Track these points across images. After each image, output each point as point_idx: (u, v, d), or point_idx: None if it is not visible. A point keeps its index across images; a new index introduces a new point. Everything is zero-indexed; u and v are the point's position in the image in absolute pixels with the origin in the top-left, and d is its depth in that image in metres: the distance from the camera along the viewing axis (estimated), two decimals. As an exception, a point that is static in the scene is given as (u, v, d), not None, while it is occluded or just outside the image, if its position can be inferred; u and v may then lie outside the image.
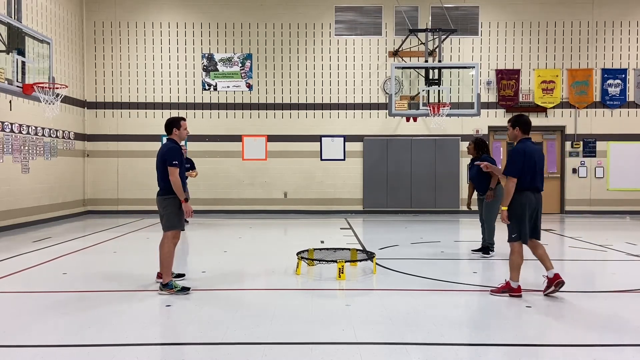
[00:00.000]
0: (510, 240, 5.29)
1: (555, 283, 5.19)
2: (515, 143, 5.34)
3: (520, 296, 5.22)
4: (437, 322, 4.48)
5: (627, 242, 9.05)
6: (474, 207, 8.05)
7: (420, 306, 4.95)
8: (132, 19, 14.03)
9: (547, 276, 5.29)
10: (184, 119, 5.73)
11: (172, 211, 5.47)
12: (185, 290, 5.38)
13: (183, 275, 6.05)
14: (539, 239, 5.36)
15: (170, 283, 5.39)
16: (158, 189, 5.57)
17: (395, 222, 12.28)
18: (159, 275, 5.70)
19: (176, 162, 5.37)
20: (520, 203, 5.16)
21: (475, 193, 7.78)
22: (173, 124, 5.62)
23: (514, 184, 5.12)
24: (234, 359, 3.64)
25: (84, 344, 3.91)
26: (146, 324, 4.40)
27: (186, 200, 5.50)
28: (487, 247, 7.51)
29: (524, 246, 5.31)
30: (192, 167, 10.75)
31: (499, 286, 5.40)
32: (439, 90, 11.41)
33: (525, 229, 5.19)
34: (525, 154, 5.12)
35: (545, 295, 5.27)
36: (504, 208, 5.24)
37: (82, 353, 3.75)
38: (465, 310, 4.87)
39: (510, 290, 5.29)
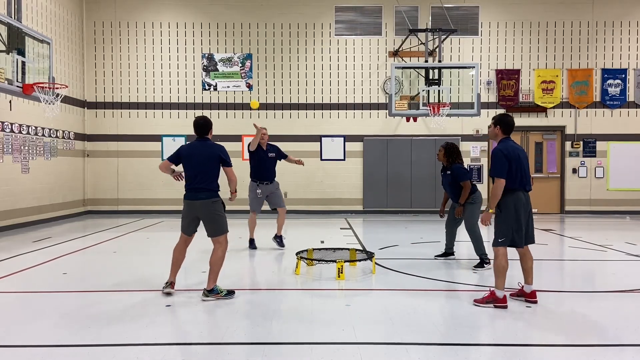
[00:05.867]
0: (496, 244, 4.88)
1: (527, 298, 5.03)
2: (497, 143, 5.10)
3: (505, 307, 4.80)
4: (437, 322, 4.48)
5: (627, 242, 9.04)
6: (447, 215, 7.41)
7: (420, 306, 4.95)
8: (132, 19, 14.03)
9: (522, 287, 5.12)
10: None
11: (222, 214, 5.34)
12: (231, 294, 5.23)
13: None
14: (533, 242, 5.03)
15: (215, 288, 5.19)
16: (187, 191, 5.25)
17: (395, 222, 12.28)
18: (172, 284, 5.36)
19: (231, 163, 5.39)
20: (510, 204, 4.80)
21: (450, 201, 7.26)
22: (210, 125, 5.44)
23: (502, 185, 4.77)
24: (234, 359, 3.64)
25: (84, 344, 3.91)
26: (146, 324, 4.40)
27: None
28: (482, 261, 6.70)
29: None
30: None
31: (483, 296, 4.98)
32: (439, 90, 11.41)
33: (514, 232, 4.83)
34: (508, 154, 4.84)
35: (510, 296, 5.10)
36: (491, 211, 4.93)
37: (82, 353, 3.75)
38: (465, 310, 4.86)
39: (495, 300, 4.85)
